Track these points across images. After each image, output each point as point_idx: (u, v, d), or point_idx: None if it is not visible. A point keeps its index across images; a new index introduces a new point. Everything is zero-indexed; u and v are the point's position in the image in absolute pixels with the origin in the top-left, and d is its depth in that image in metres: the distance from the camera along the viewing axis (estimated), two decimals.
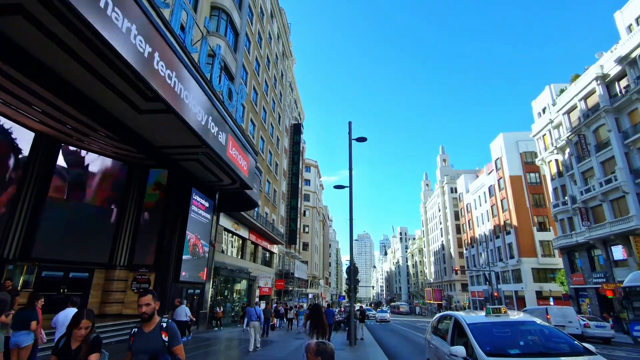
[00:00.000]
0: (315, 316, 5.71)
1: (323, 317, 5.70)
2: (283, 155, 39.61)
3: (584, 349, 4.80)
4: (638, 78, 26.53)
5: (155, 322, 3.25)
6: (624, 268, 27.41)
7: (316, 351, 2.80)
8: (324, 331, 5.51)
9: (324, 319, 5.70)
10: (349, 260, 16.60)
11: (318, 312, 5.74)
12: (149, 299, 3.23)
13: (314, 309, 5.88)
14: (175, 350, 3.19)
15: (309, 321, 5.86)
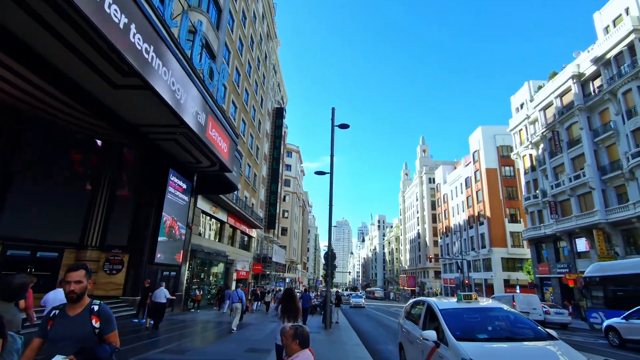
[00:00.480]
0: (287, 300, 5.85)
1: (295, 302, 5.83)
2: (264, 139, 39.10)
3: (547, 334, 5.05)
4: (611, 79, 27.54)
5: (84, 305, 2.64)
6: (585, 259, 29.03)
7: (294, 334, 2.80)
8: (295, 315, 5.66)
9: (296, 303, 5.83)
10: (328, 246, 16.76)
11: (290, 296, 5.88)
12: (80, 275, 2.62)
13: (286, 293, 6.02)
14: (108, 338, 2.63)
15: (280, 305, 5.99)
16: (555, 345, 4.77)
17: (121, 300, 14.29)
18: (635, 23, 25.71)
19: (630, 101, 25.83)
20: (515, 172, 47.84)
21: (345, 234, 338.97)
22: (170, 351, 8.79)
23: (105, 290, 14.21)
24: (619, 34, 26.70)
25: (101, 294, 13.86)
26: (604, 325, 14.38)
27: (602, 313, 17.96)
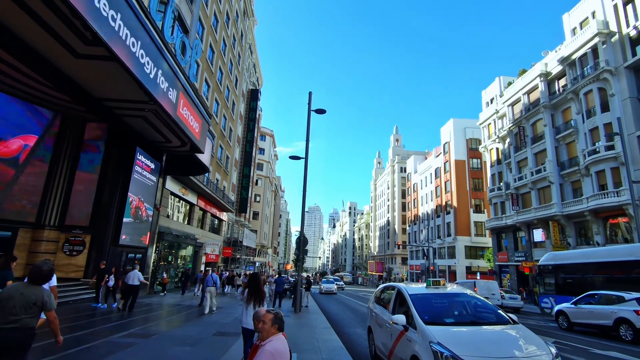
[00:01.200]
0: (253, 284, 5.93)
1: (261, 286, 5.93)
2: (238, 121, 38.14)
3: (509, 318, 5.32)
4: (575, 79, 28.93)
5: None
6: (541, 249, 30.98)
7: (274, 319, 2.74)
8: (261, 299, 5.79)
9: (262, 287, 5.94)
10: (299, 231, 16.78)
11: (256, 281, 5.97)
12: None
13: (253, 277, 6.10)
14: None
15: (246, 289, 6.04)
16: (515, 328, 5.04)
17: (82, 283, 13.68)
18: (600, 27, 26.97)
19: (590, 101, 27.32)
20: (482, 164, 49.77)
21: (316, 220, 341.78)
22: (135, 335, 8.54)
23: (65, 272, 13.53)
24: (584, 37, 27.95)
25: (61, 276, 13.18)
26: (555, 310, 15.46)
27: (553, 298, 19.49)
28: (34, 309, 3.71)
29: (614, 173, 24.74)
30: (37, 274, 3.90)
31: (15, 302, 3.62)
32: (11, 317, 3.56)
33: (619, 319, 11.93)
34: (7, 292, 3.73)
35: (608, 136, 25.22)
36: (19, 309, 3.61)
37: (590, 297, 13.83)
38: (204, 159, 17.52)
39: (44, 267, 3.98)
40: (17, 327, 3.58)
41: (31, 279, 3.88)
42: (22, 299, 3.66)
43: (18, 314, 3.59)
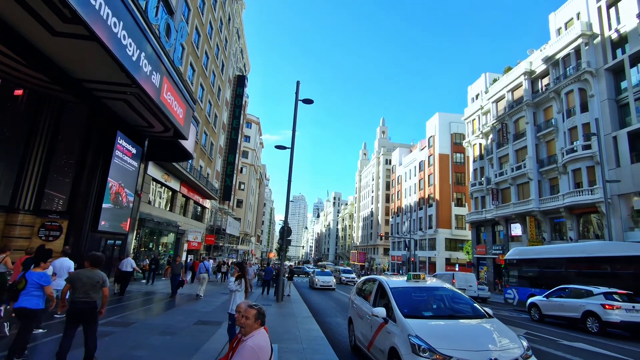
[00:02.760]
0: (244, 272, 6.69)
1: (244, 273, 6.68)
2: (224, 107, 37.44)
3: (484, 312, 5.50)
4: (557, 79, 29.58)
5: None
6: (517, 242, 32.02)
7: (257, 314, 2.75)
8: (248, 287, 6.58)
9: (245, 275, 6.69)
10: (283, 220, 16.78)
11: (241, 268, 6.75)
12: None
13: (239, 266, 6.86)
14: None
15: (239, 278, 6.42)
16: (490, 322, 5.22)
17: None
18: (583, 28, 27.53)
19: (571, 101, 28.05)
20: (465, 159, 50.67)
21: (301, 209, 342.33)
22: (114, 323, 8.43)
23: None
24: (568, 37, 28.50)
25: None
26: (528, 302, 16.09)
27: (515, 290, 20.82)
28: (97, 287, 5.04)
29: (590, 172, 25.62)
30: (98, 260, 5.27)
31: (84, 282, 4.94)
32: (82, 293, 4.90)
33: (586, 312, 12.52)
34: (76, 275, 5.10)
35: (586, 136, 26.02)
36: (88, 287, 4.95)
37: (562, 291, 14.43)
38: (188, 145, 17.18)
39: (102, 255, 5.43)
40: (87, 301, 4.91)
41: (93, 264, 5.21)
42: (89, 280, 4.98)
43: (87, 291, 4.93)
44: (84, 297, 4.88)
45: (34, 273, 5.23)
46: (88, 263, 5.20)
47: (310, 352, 6.89)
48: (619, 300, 12.16)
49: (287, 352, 6.70)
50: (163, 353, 6.32)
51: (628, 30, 25.15)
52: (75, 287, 4.91)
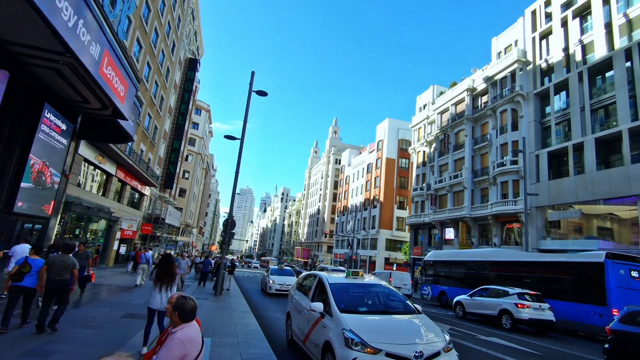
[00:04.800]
0: (163, 266, 5.97)
1: (171, 267, 6.01)
2: (172, 90, 35.36)
3: (415, 308, 5.86)
4: (495, 98, 32.36)
5: None
6: (450, 245, 34.51)
7: (174, 306, 2.63)
8: (170, 281, 5.87)
9: (172, 269, 5.99)
10: (228, 213, 16.33)
11: (167, 261, 6.03)
12: None
13: (164, 258, 6.13)
14: None
15: (155, 270, 6.05)
16: (419, 318, 5.58)
17: None
18: (519, 55, 30.43)
19: (504, 119, 30.86)
20: (410, 164, 53.40)
21: (247, 202, 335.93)
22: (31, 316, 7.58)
23: None
24: (506, 61, 31.31)
25: None
26: (454, 300, 17.43)
27: (430, 287, 23.66)
28: (68, 269, 6.60)
29: (515, 185, 28.43)
30: (69, 248, 6.99)
31: (58, 265, 6.50)
32: (56, 274, 6.46)
33: (502, 310, 13.92)
34: (52, 260, 6.61)
35: (514, 152, 28.81)
36: (61, 269, 6.51)
37: (484, 290, 15.86)
38: (128, 126, 15.94)
39: (73, 243, 7.35)
40: (60, 280, 6.49)
41: (65, 250, 6.85)
42: (61, 264, 6.55)
43: (60, 272, 6.49)
44: (57, 276, 6.45)
45: (35, 260, 6.67)
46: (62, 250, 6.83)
47: (246, 345, 6.81)
48: (529, 300, 13.69)
49: (221, 346, 6.55)
50: (83, 347, 5.83)
51: (555, 62, 28.30)
52: (50, 269, 6.42)
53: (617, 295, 13.37)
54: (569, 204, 25.00)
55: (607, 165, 23.31)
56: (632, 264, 14.25)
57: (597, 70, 24.94)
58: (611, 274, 13.72)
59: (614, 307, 13.05)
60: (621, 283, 13.63)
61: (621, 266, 13.99)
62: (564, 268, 15.95)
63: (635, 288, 13.68)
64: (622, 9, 24.20)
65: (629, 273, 13.97)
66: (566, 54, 27.59)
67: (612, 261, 13.99)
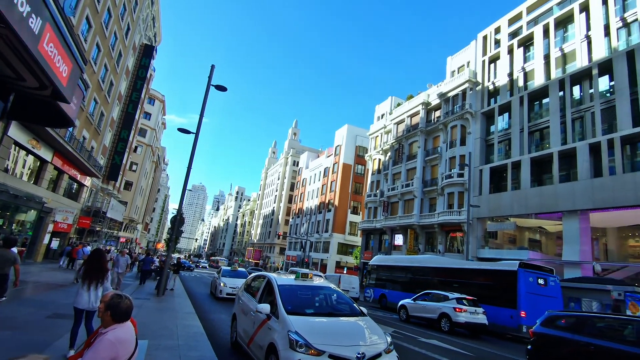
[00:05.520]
0: (92, 261, 5.59)
1: (101, 263, 5.62)
2: (123, 75, 33.16)
3: (360, 311, 6.00)
4: (447, 113, 34.34)
5: None
6: (399, 251, 35.85)
7: (107, 305, 2.45)
8: (100, 278, 5.47)
9: (103, 265, 5.62)
10: (177, 209, 15.62)
11: (97, 257, 5.65)
12: None
13: (94, 253, 5.75)
14: None
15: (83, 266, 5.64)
16: (364, 320, 5.72)
17: None
18: (470, 75, 32.63)
19: (454, 134, 32.83)
20: (365, 171, 54.81)
21: (199, 200, 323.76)
22: None
23: None
24: (458, 80, 33.41)
25: None
26: (399, 304, 18.10)
27: (372, 290, 24.82)
28: (8, 263, 6.52)
29: (460, 196, 30.30)
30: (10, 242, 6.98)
31: None
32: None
33: (442, 314, 14.71)
34: None
35: (461, 166, 30.72)
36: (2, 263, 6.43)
37: (426, 295, 16.65)
38: (70, 110, 14.67)
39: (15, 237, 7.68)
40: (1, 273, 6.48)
41: (6, 245, 6.81)
42: (2, 258, 6.45)
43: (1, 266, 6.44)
44: None
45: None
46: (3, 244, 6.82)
47: (186, 348, 6.53)
48: (466, 304, 14.62)
49: (158, 349, 6.22)
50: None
51: (500, 85, 30.71)
52: None
53: (525, 299, 15.24)
54: (505, 217, 27.15)
55: (540, 183, 25.68)
56: (540, 273, 16.34)
57: (536, 96, 27.47)
58: (522, 281, 15.57)
59: (522, 310, 14.95)
60: (530, 289, 15.55)
61: (530, 274, 15.95)
62: (487, 275, 17.67)
63: (540, 293, 15.74)
64: (558, 44, 26.93)
65: (537, 280, 16.00)
66: (510, 78, 30.08)
67: (523, 270, 15.88)
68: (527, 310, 14.95)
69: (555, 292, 16.30)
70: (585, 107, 23.92)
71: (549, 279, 16.35)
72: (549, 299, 15.79)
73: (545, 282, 16.18)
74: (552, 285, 16.32)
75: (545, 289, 16.00)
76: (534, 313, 14.81)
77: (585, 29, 25.21)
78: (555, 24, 27.22)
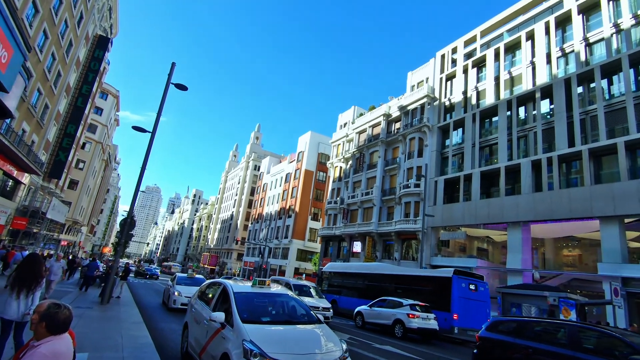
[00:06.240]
0: (26, 266, 5.11)
1: (37, 268, 5.12)
2: (73, 67, 30.90)
3: (317, 318, 6.00)
4: (406, 125, 35.72)
5: None
6: (357, 258, 36.41)
7: (42, 315, 2.23)
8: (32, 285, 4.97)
9: (39, 271, 5.12)
10: (128, 212, 14.73)
11: (31, 261, 5.16)
12: None
13: (28, 257, 5.27)
14: None
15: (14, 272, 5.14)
16: (320, 327, 5.72)
17: None
18: (428, 91, 34.29)
19: (412, 146, 34.19)
20: (327, 178, 55.35)
21: (153, 202, 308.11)
22: None
23: None
24: (418, 95, 34.97)
25: None
26: (355, 311, 18.32)
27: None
28: None
29: (416, 205, 31.49)
30: None
31: None
32: None
33: (396, 320, 15.11)
34: None
35: (417, 176, 32.01)
36: None
37: (382, 302, 17.02)
38: (9, 99, 13.41)
39: None
40: None
41: None
42: None
43: None
44: None
45: None
46: None
47: None
48: (419, 311, 15.13)
49: None
50: None
51: (455, 102, 32.57)
52: None
53: (458, 303, 16.67)
54: (457, 226, 28.62)
55: (488, 195, 27.42)
56: (471, 279, 17.90)
57: (487, 115, 29.43)
58: (455, 286, 17.01)
59: (455, 313, 16.36)
60: (462, 294, 16.99)
61: (463, 280, 17.45)
62: (427, 281, 18.99)
63: (471, 298, 17.28)
64: (507, 67, 29.16)
65: (468, 286, 17.50)
66: (465, 96, 32.02)
67: (457, 276, 17.37)
68: (459, 313, 16.36)
69: (484, 297, 17.95)
70: (529, 127, 26.01)
71: (479, 285, 17.93)
72: (478, 303, 17.40)
73: (476, 288, 17.71)
74: (481, 291, 17.91)
75: (476, 294, 17.54)
76: (465, 316, 16.39)
77: (531, 55, 27.54)
78: (505, 49, 29.47)
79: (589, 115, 22.78)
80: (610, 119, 21.61)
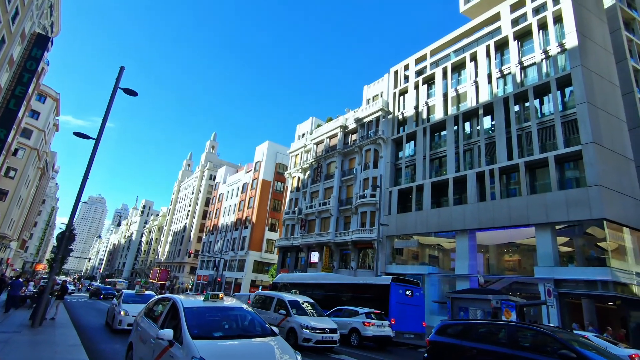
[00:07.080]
0: None
1: None
2: (5, 66, 28.18)
3: (272, 331, 5.91)
4: (362, 137, 36.79)
5: None
6: (314, 269, 36.38)
7: None
8: None
9: None
10: (67, 224, 13.55)
11: None
12: None
13: None
14: None
15: None
16: (275, 340, 5.64)
17: None
18: (383, 105, 35.73)
19: (368, 157, 35.24)
20: (284, 188, 55.04)
21: (97, 214, 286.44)
22: None
23: None
24: (373, 108, 36.30)
25: None
26: None
27: None
28: None
29: (372, 215, 32.32)
30: None
31: None
32: None
33: (352, 329, 15.26)
34: None
35: (373, 187, 32.97)
36: None
37: (339, 311, 17.13)
38: None
39: None
40: None
41: None
42: None
43: None
44: None
45: None
46: None
47: None
48: (374, 318, 15.42)
49: None
50: None
51: (408, 116, 34.21)
52: None
53: (395, 308, 17.71)
54: (410, 235, 29.77)
55: (438, 204, 28.91)
56: (408, 286, 19.12)
57: (436, 129, 31.22)
58: (393, 292, 18.12)
59: (393, 317, 17.22)
60: (399, 299, 18.14)
61: (400, 287, 18.61)
62: (369, 288, 19.98)
63: (407, 303, 18.47)
64: (454, 85, 31.28)
65: (405, 292, 18.66)
66: (416, 111, 33.76)
67: (395, 283, 18.54)
68: (396, 317, 17.29)
69: (419, 302, 19.27)
70: (473, 141, 27.98)
71: (415, 291, 19.10)
72: (414, 307, 18.62)
73: (412, 294, 18.84)
74: (417, 296, 19.13)
75: (412, 299, 18.69)
76: (402, 320, 17.46)
77: (474, 75, 29.82)
78: (452, 68, 31.64)
79: (524, 132, 25.04)
80: (542, 135, 23.92)
